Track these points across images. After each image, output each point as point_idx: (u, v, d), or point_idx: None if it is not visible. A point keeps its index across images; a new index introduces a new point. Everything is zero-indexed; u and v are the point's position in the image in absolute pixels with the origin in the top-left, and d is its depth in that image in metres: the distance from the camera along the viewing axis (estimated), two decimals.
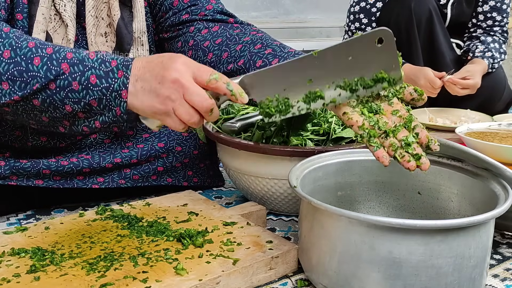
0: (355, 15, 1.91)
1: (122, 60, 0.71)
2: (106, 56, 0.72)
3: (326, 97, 0.71)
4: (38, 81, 0.71)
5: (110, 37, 0.98)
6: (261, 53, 0.92)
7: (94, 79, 0.70)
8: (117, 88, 0.70)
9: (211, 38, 0.99)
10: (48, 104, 0.72)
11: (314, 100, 0.71)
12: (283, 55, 0.91)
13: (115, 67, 0.70)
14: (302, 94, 0.71)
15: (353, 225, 0.64)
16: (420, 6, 1.79)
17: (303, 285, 0.76)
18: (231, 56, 0.95)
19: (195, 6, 1.03)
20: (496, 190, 0.74)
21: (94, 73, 0.70)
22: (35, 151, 0.98)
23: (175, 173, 1.10)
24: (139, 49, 1.01)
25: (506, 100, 1.94)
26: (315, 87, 0.71)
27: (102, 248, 0.77)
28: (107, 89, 0.70)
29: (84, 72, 0.70)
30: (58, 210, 1.04)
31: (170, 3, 1.04)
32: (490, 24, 1.90)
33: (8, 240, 0.79)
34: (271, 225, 0.98)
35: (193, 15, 1.03)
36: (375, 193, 0.90)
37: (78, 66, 0.71)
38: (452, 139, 0.99)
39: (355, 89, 0.70)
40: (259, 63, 0.91)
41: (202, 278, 0.68)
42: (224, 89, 0.68)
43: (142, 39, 1.01)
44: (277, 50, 0.92)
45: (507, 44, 1.97)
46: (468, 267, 0.65)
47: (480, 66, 1.77)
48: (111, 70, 0.70)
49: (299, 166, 0.81)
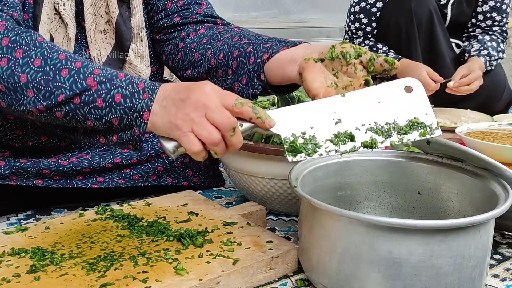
0: (355, 15, 1.91)
1: (150, 84, 0.71)
2: (135, 78, 0.72)
3: (357, 139, 0.69)
4: (63, 92, 0.71)
5: (109, 34, 0.98)
6: (237, 44, 0.93)
7: (119, 98, 0.70)
8: (139, 109, 0.70)
9: (198, 40, 1.01)
10: (70, 117, 0.73)
11: (343, 142, 0.69)
12: (257, 42, 0.91)
13: (141, 89, 0.70)
14: (331, 134, 0.69)
15: (353, 225, 0.64)
16: (420, 6, 1.79)
17: (303, 285, 0.76)
18: (213, 52, 0.96)
19: (187, 9, 1.04)
20: (496, 190, 0.74)
21: (120, 92, 0.70)
22: (35, 151, 0.98)
23: (175, 173, 1.10)
24: (138, 45, 1.02)
25: (506, 100, 1.94)
26: (344, 128, 0.68)
27: (102, 248, 0.77)
28: (130, 108, 0.70)
29: (111, 91, 0.71)
30: (58, 210, 1.04)
31: (163, 5, 1.05)
32: (489, 24, 1.90)
33: (8, 240, 0.79)
34: (271, 225, 0.98)
35: (185, 19, 1.04)
36: (375, 193, 0.90)
37: (106, 84, 0.71)
38: (452, 139, 0.99)
39: (389, 134, 0.68)
40: (235, 53, 0.92)
41: (202, 278, 0.68)
42: (250, 112, 0.67)
43: (141, 34, 1.02)
44: (252, 38, 0.93)
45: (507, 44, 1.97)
46: (468, 267, 0.65)
47: (476, 63, 1.76)
48: (137, 91, 0.70)
49: (299, 166, 0.81)
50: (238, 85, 0.92)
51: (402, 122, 0.68)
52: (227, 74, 0.94)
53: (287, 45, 0.87)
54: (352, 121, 0.69)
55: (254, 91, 0.89)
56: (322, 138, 0.69)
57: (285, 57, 0.84)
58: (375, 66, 0.75)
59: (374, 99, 0.69)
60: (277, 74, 0.85)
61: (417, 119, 0.68)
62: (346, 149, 0.69)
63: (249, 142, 0.94)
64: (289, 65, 0.83)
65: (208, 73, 0.98)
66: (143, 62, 1.02)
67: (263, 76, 0.87)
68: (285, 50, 0.85)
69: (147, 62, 1.03)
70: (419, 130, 0.68)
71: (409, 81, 0.68)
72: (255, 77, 0.88)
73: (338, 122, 0.69)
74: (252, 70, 0.88)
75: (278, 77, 0.85)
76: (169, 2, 1.04)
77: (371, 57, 0.76)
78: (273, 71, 0.86)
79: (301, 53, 0.83)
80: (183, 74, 1.03)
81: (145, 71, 1.02)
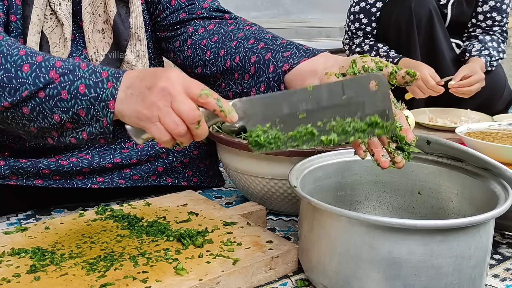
0: (355, 15, 1.91)
1: (114, 72, 0.71)
2: (98, 68, 0.72)
3: (317, 136, 0.69)
4: (27, 88, 0.71)
5: (107, 33, 0.98)
6: (255, 48, 0.93)
7: (83, 89, 0.70)
8: (105, 98, 0.69)
9: (208, 37, 1.00)
10: (37, 112, 0.72)
11: (305, 137, 0.69)
12: (275, 48, 0.91)
13: (105, 78, 0.70)
14: (295, 129, 0.69)
15: (353, 225, 0.64)
16: (420, 6, 1.79)
17: (303, 285, 0.76)
18: (227, 53, 0.96)
19: (192, 5, 1.04)
20: (496, 190, 0.74)
21: (84, 82, 0.70)
22: (34, 152, 0.98)
23: (175, 173, 1.10)
24: (137, 45, 1.01)
25: (506, 100, 1.94)
26: (307, 122, 0.68)
27: (102, 248, 0.77)
28: (95, 99, 0.70)
29: (74, 82, 0.70)
30: (58, 210, 1.04)
31: (167, 2, 1.04)
32: (489, 24, 1.90)
33: (8, 240, 0.79)
34: (271, 225, 0.98)
35: (190, 14, 1.03)
36: (375, 193, 0.90)
37: (69, 76, 0.71)
38: (452, 139, 0.99)
39: (348, 132, 0.68)
40: (253, 59, 0.92)
41: (202, 278, 0.68)
42: (214, 105, 0.66)
43: (140, 34, 1.01)
44: (270, 43, 0.93)
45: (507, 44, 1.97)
46: (468, 267, 0.65)
47: (477, 64, 1.76)
48: (101, 80, 0.70)
49: (299, 166, 0.81)
50: (255, 91, 0.92)
51: (362, 119, 0.68)
52: (243, 78, 0.94)
53: (306, 55, 0.86)
54: (315, 115, 0.68)
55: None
56: (286, 132, 0.69)
57: (306, 68, 0.84)
58: (397, 79, 0.75)
59: (339, 94, 0.68)
60: (297, 85, 0.85)
61: (376, 118, 0.67)
62: (305, 147, 0.69)
63: None
64: (309, 78, 0.83)
65: (223, 74, 0.97)
66: (142, 62, 1.02)
67: (283, 86, 0.87)
68: (306, 61, 0.85)
69: (145, 62, 1.03)
70: (376, 128, 0.68)
71: (374, 76, 0.67)
72: (275, 87, 0.88)
73: (303, 115, 0.68)
74: (272, 80, 0.88)
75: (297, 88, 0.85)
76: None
77: (393, 70, 0.75)
78: (293, 82, 0.86)
79: (321, 64, 0.83)
80: (194, 71, 1.03)
81: None
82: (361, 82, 0.68)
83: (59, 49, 0.93)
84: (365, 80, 0.68)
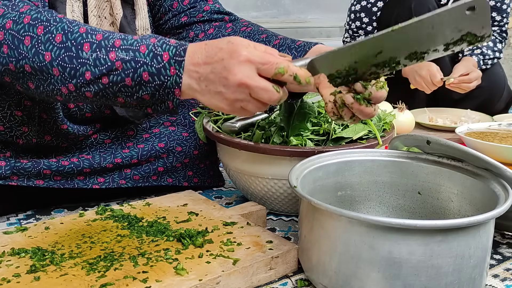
0: (356, 14, 1.91)
1: (175, 53, 0.69)
2: (158, 48, 0.70)
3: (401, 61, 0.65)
4: (88, 69, 0.70)
5: None
6: None
7: (146, 76, 0.69)
8: (170, 86, 0.69)
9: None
10: (100, 96, 0.72)
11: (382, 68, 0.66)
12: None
13: (167, 63, 0.69)
14: (372, 65, 0.66)
15: (353, 225, 0.64)
16: (420, 6, 1.79)
17: (303, 285, 0.76)
18: None
19: (193, 8, 1.04)
20: (496, 190, 0.74)
21: (147, 70, 0.69)
22: (37, 149, 0.98)
23: (175, 173, 1.10)
24: None
25: (506, 100, 1.94)
26: (384, 58, 0.65)
27: (102, 248, 0.77)
28: (160, 86, 0.69)
29: (137, 69, 0.69)
30: (58, 210, 1.05)
31: (169, 5, 1.04)
32: None
33: (8, 240, 0.79)
34: (271, 225, 0.98)
35: (192, 18, 1.04)
36: (375, 193, 0.90)
37: (131, 63, 0.70)
38: (452, 139, 0.99)
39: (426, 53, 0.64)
40: None
41: (202, 278, 0.68)
42: (291, 80, 0.67)
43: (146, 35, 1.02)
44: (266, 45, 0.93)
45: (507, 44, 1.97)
46: (468, 267, 0.65)
47: (470, 63, 1.77)
48: (163, 66, 0.69)
49: (299, 166, 0.81)
50: None
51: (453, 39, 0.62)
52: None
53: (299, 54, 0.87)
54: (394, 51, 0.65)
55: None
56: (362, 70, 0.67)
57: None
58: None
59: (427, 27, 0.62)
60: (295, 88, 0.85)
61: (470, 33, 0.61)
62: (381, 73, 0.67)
63: (249, 142, 0.94)
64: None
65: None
66: None
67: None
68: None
69: None
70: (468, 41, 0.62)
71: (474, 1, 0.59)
72: None
73: (379, 54, 0.65)
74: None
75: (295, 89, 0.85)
76: (175, 1, 1.04)
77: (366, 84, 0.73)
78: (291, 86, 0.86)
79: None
80: None
81: None
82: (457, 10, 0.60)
83: None
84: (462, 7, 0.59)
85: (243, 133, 1.00)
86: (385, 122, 1.05)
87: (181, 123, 1.12)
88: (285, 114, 0.95)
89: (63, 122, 0.96)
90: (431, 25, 0.62)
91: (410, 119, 1.61)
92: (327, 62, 0.70)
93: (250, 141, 0.95)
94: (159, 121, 1.12)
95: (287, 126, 0.95)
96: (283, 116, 0.95)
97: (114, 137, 1.05)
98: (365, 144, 0.95)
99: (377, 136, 0.98)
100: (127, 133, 1.06)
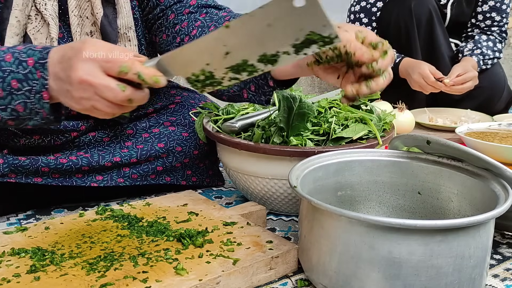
0: (356, 15, 1.91)
1: (39, 56, 0.70)
2: (22, 54, 0.70)
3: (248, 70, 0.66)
4: None
5: (96, 35, 0.97)
6: (206, 33, 0.94)
7: (15, 84, 0.70)
8: (39, 90, 0.69)
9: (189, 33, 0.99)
10: None
11: (239, 72, 0.66)
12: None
13: (32, 67, 0.69)
14: (226, 68, 0.66)
15: (353, 225, 0.64)
16: (420, 6, 1.79)
17: (303, 285, 0.76)
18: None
19: (180, 3, 1.02)
20: (496, 190, 0.74)
21: (15, 77, 0.70)
22: (30, 150, 0.98)
23: (174, 172, 1.10)
24: (126, 45, 1.00)
25: (506, 100, 1.94)
26: (235, 60, 0.65)
27: (102, 248, 0.77)
28: (30, 91, 0.69)
29: (5, 78, 0.70)
30: (58, 210, 1.04)
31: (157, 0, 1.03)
32: (488, 24, 1.90)
33: (8, 240, 0.79)
34: (271, 225, 0.98)
35: (179, 14, 1.01)
36: (375, 193, 0.90)
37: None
38: (452, 139, 0.99)
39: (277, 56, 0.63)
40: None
41: (202, 278, 0.68)
42: (136, 79, 0.65)
43: (129, 34, 1.00)
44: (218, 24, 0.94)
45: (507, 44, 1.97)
46: (468, 267, 0.65)
47: (469, 63, 1.76)
48: (30, 71, 0.69)
49: (299, 166, 0.81)
50: (247, 92, 0.91)
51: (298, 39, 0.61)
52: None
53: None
54: (239, 52, 0.64)
55: (267, 98, 0.89)
56: (220, 73, 0.67)
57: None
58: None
59: (262, 24, 0.61)
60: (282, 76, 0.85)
61: (314, 33, 0.60)
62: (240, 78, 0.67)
63: (249, 142, 0.94)
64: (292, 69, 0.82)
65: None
66: None
67: (272, 82, 0.86)
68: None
69: None
70: (317, 43, 0.61)
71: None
72: (264, 85, 0.88)
73: (226, 55, 0.65)
74: (260, 79, 0.87)
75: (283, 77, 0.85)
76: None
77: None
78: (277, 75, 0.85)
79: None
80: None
81: None
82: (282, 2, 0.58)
83: None
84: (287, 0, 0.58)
85: (243, 133, 1.00)
86: (385, 122, 1.05)
87: (181, 123, 1.12)
88: (284, 114, 0.95)
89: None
90: (265, 22, 0.61)
91: (410, 119, 1.61)
92: (176, 62, 0.68)
93: (250, 141, 0.95)
94: (159, 121, 1.12)
95: (287, 126, 0.95)
96: (283, 116, 0.95)
97: (113, 136, 1.05)
98: (365, 144, 0.95)
99: (377, 136, 0.98)
100: (126, 132, 1.06)
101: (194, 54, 0.67)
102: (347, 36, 0.68)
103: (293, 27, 0.60)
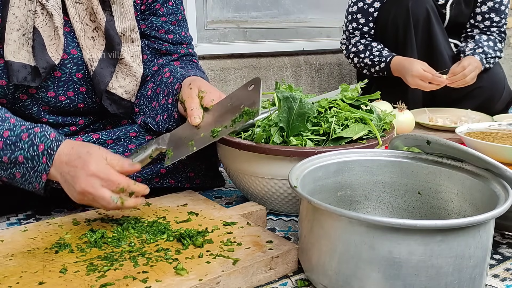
0: (353, 15, 1.91)
1: (49, 146, 0.82)
2: (37, 139, 0.83)
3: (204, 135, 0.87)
4: None
5: (98, 40, 1.01)
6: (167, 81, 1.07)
7: (21, 159, 0.82)
8: (40, 170, 0.82)
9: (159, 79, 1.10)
10: None
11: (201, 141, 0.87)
12: (172, 82, 1.03)
13: (41, 153, 0.82)
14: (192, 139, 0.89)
15: (353, 225, 0.64)
16: (417, 6, 1.79)
17: (303, 285, 0.76)
18: (154, 84, 1.10)
19: (175, 45, 1.14)
20: (496, 190, 0.74)
21: (23, 154, 0.82)
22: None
23: (177, 174, 1.10)
24: (130, 46, 1.05)
25: (506, 100, 1.94)
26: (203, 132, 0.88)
27: (102, 248, 0.77)
28: (32, 168, 0.83)
29: (15, 152, 0.82)
30: (58, 210, 1.04)
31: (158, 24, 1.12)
32: (487, 25, 1.90)
33: (8, 240, 0.79)
34: (271, 225, 0.98)
35: (167, 60, 1.14)
36: (375, 193, 0.90)
37: (11, 146, 0.82)
38: (452, 139, 0.99)
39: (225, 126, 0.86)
40: (165, 92, 1.04)
41: (202, 278, 0.68)
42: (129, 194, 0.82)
43: (133, 36, 1.05)
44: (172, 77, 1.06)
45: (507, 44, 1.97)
46: (468, 267, 0.65)
47: (471, 60, 1.76)
48: (37, 154, 0.82)
49: (299, 166, 0.81)
50: (159, 118, 1.03)
51: (237, 113, 0.85)
52: (155, 107, 1.05)
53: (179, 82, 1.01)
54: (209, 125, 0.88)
55: (170, 127, 1.02)
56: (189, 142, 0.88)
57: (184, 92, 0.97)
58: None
59: (227, 103, 0.89)
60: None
61: (246, 109, 0.83)
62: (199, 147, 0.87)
63: (249, 142, 0.94)
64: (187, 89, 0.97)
65: (150, 101, 1.08)
66: (137, 62, 1.06)
67: (177, 115, 1.00)
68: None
69: (139, 62, 1.06)
70: (245, 117, 0.83)
71: (253, 80, 0.87)
72: (172, 115, 1.01)
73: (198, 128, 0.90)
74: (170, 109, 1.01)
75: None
76: (162, 29, 1.12)
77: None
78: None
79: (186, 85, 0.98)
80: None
81: (139, 70, 1.05)
82: (243, 87, 0.88)
83: (55, 40, 0.95)
84: (245, 85, 0.88)
85: (243, 133, 1.00)
86: (385, 122, 1.05)
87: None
88: (284, 114, 0.95)
89: (40, 115, 1.00)
90: (229, 102, 0.89)
91: (410, 119, 1.61)
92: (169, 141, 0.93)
93: (250, 141, 0.95)
94: None
95: (287, 126, 0.95)
96: (283, 116, 0.95)
97: (116, 138, 1.05)
98: (365, 144, 0.95)
99: (377, 136, 0.98)
100: (130, 135, 1.06)
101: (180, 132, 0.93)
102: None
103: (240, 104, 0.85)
